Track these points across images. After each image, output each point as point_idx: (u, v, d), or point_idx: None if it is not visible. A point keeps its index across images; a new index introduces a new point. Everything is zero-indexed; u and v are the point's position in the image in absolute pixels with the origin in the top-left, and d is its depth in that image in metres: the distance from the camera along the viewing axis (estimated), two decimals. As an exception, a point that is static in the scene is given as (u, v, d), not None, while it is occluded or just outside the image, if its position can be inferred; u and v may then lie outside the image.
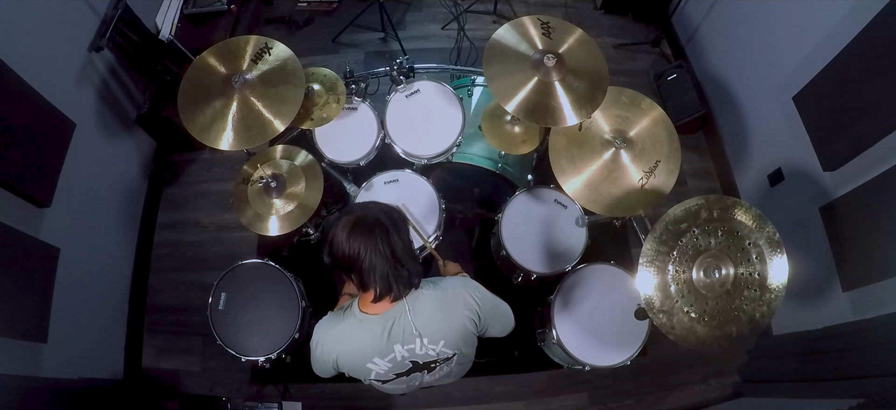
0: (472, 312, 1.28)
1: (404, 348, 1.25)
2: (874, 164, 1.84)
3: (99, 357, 2.32)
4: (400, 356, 1.27)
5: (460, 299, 1.27)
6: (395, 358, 1.27)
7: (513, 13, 3.41)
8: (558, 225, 2.08)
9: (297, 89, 1.87)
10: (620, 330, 1.91)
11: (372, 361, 1.27)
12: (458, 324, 1.27)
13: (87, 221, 2.30)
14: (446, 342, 1.27)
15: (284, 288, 1.99)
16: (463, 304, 1.27)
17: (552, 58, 1.73)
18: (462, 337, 1.30)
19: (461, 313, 1.27)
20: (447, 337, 1.27)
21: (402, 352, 1.26)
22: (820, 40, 2.05)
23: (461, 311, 1.27)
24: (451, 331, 1.27)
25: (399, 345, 1.24)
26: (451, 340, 1.28)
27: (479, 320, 1.30)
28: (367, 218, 1.15)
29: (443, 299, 1.26)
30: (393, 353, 1.26)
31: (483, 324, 1.32)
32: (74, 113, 2.15)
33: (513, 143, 2.06)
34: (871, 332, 1.83)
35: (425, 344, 1.25)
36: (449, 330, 1.27)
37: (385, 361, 1.27)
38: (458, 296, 1.28)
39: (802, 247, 2.18)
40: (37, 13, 2.00)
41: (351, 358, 1.27)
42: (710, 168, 2.99)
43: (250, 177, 1.99)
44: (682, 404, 2.48)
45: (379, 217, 1.16)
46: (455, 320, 1.27)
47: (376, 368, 1.28)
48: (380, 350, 1.25)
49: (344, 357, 1.27)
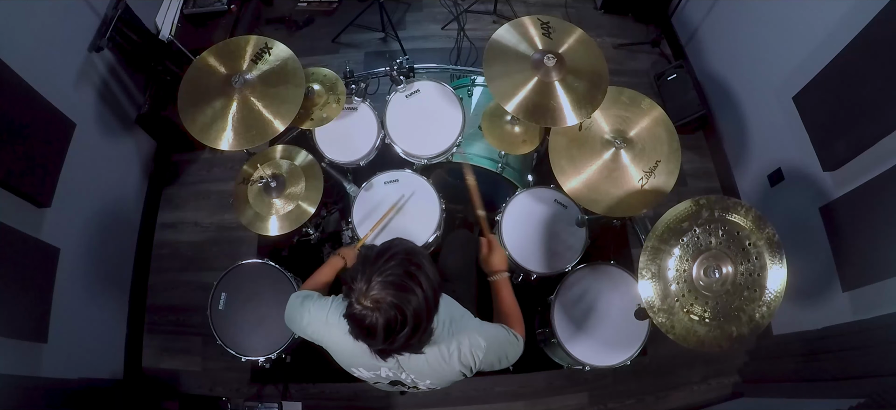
0: (466, 368, 1.23)
1: (390, 371, 1.25)
2: (874, 164, 1.84)
3: (99, 357, 2.32)
4: (384, 374, 1.26)
5: (457, 360, 1.21)
6: (379, 374, 1.27)
7: (513, 13, 3.41)
8: (558, 225, 2.08)
9: (297, 89, 1.87)
10: (620, 330, 1.91)
11: (357, 368, 1.27)
12: (449, 376, 1.24)
13: (87, 221, 2.30)
14: (433, 382, 1.27)
15: (284, 288, 1.99)
16: (460, 363, 1.21)
17: (552, 58, 1.73)
18: (450, 382, 1.28)
19: (454, 370, 1.22)
20: (434, 381, 1.26)
21: (387, 374, 1.26)
22: (820, 40, 2.05)
23: (455, 368, 1.22)
24: (440, 379, 1.25)
25: (385, 369, 1.23)
26: (438, 382, 1.27)
27: (473, 369, 1.25)
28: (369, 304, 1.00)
29: (442, 359, 1.20)
30: (378, 370, 1.25)
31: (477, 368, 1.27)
32: (74, 113, 2.15)
33: (513, 143, 2.06)
34: (871, 332, 1.83)
35: (412, 380, 1.26)
36: (438, 378, 1.25)
37: (370, 373, 1.27)
38: (455, 358, 1.20)
39: (802, 247, 2.18)
40: (37, 13, 1.99)
41: (338, 357, 1.27)
42: (710, 168, 2.99)
43: (250, 177, 1.99)
44: (682, 404, 2.49)
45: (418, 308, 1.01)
46: (448, 373, 1.23)
47: (361, 375, 1.29)
48: (366, 364, 1.24)
49: (331, 350, 1.26)
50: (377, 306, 0.98)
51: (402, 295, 0.98)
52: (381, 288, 0.98)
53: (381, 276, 0.99)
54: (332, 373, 1.37)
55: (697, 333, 1.45)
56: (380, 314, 0.98)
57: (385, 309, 0.98)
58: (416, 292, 1.00)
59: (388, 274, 0.99)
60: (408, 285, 0.99)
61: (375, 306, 0.98)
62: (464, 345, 1.21)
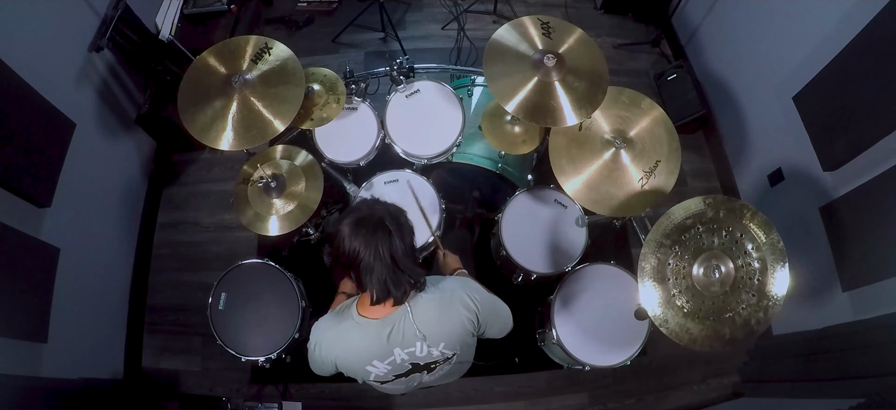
0: (470, 312, 1.28)
1: (404, 351, 1.25)
2: (874, 164, 1.84)
3: (99, 357, 2.32)
4: (399, 359, 1.27)
5: (458, 299, 1.27)
6: (394, 361, 1.27)
7: (513, 13, 3.41)
8: (558, 225, 2.08)
9: (297, 89, 1.87)
10: (620, 330, 1.91)
11: (371, 363, 1.27)
12: (458, 325, 1.27)
13: (87, 221, 2.30)
14: (446, 343, 1.27)
15: (284, 288, 1.99)
16: (462, 304, 1.27)
17: (552, 58, 1.73)
18: (461, 337, 1.30)
19: (460, 313, 1.27)
20: (447, 338, 1.27)
21: (401, 355, 1.26)
22: (820, 40, 2.05)
23: (460, 312, 1.27)
24: (450, 332, 1.27)
25: (399, 349, 1.24)
26: (451, 341, 1.28)
27: (477, 320, 1.30)
28: (371, 218, 1.14)
29: (441, 300, 1.26)
30: (392, 356, 1.25)
31: (482, 324, 1.32)
32: (74, 113, 2.15)
33: (513, 143, 2.06)
34: (871, 332, 1.83)
35: (426, 347, 1.25)
36: (449, 331, 1.27)
37: (384, 363, 1.27)
38: (457, 297, 1.27)
39: (802, 247, 2.18)
40: (37, 13, 1.99)
41: (350, 360, 1.27)
42: (710, 168, 2.99)
43: (250, 177, 1.99)
44: (682, 404, 2.49)
45: (383, 218, 1.15)
46: (454, 321, 1.27)
47: (376, 370, 1.29)
48: (379, 353, 1.24)
49: (343, 360, 1.27)
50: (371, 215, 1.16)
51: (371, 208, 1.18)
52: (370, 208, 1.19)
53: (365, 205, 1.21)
54: (334, 374, 1.37)
55: (690, 331, 1.45)
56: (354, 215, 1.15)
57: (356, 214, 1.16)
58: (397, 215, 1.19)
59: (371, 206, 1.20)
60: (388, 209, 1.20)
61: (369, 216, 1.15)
62: (458, 289, 1.29)
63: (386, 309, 1.21)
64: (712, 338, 1.44)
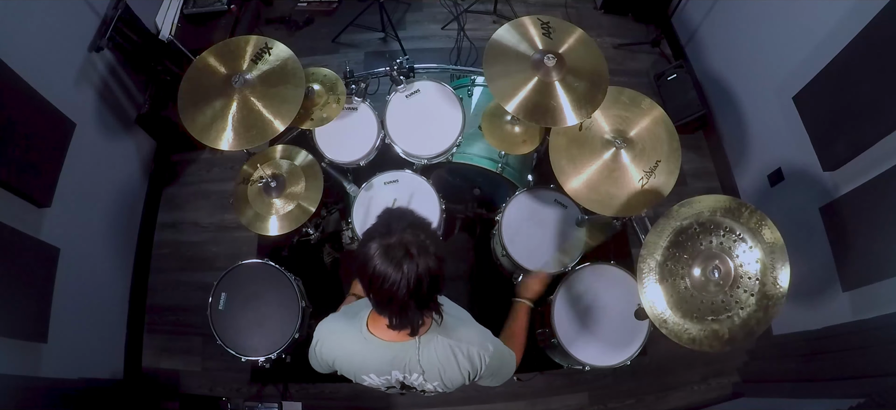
0: (473, 370, 1.26)
1: (400, 374, 1.26)
2: (874, 164, 1.84)
3: (99, 357, 2.32)
4: (394, 379, 1.28)
5: (468, 357, 1.24)
6: (389, 380, 1.29)
7: (513, 13, 3.41)
8: (558, 225, 2.08)
9: (297, 89, 1.86)
10: (620, 330, 1.91)
11: (368, 374, 1.28)
12: (456, 376, 1.27)
13: (87, 221, 2.30)
14: (441, 384, 1.28)
15: (284, 288, 1.99)
16: (468, 361, 1.25)
17: (552, 58, 1.73)
18: (456, 383, 1.30)
19: (464, 368, 1.25)
20: (442, 381, 1.28)
21: (397, 376, 1.27)
22: (820, 40, 2.05)
23: (464, 367, 1.25)
24: (448, 378, 1.27)
25: (397, 371, 1.25)
26: (444, 384, 1.29)
27: (477, 375, 1.29)
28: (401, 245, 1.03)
29: (451, 352, 1.23)
30: (389, 376, 1.27)
31: (480, 378, 1.32)
32: (74, 113, 2.15)
33: (513, 143, 2.06)
34: (871, 332, 1.83)
35: (421, 380, 1.27)
36: (446, 377, 1.27)
37: (380, 378, 1.29)
38: (467, 354, 1.24)
39: (802, 247, 2.18)
40: (37, 13, 1.99)
41: (348, 366, 1.28)
42: (710, 168, 2.99)
43: (250, 177, 1.99)
44: (682, 404, 2.49)
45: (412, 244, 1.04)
46: (455, 372, 1.26)
47: (370, 381, 1.30)
48: (378, 370, 1.26)
49: (341, 363, 1.28)
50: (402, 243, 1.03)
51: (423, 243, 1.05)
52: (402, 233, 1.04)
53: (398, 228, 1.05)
54: (332, 374, 1.38)
55: (690, 331, 1.45)
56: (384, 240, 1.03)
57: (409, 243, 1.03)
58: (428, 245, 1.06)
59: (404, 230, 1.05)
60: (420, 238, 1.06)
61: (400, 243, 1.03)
62: (474, 344, 1.25)
63: (398, 336, 1.18)
64: (711, 338, 1.44)
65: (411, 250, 1.02)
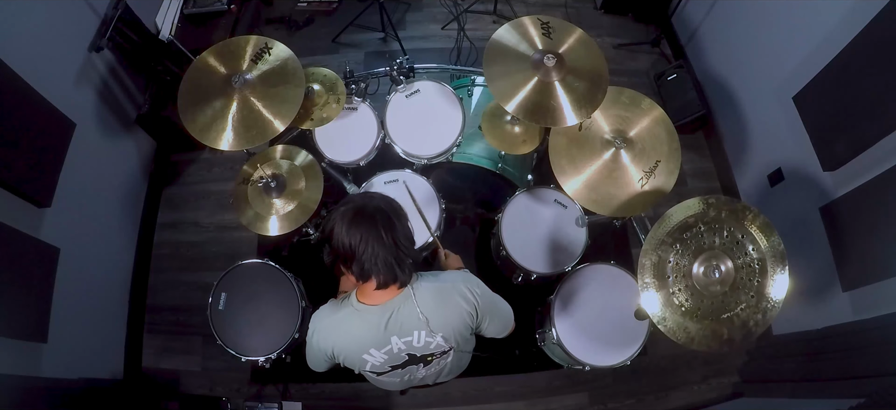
0: (469, 305, 1.28)
1: (401, 340, 1.26)
2: (874, 164, 1.84)
3: (99, 357, 2.32)
4: (396, 348, 1.27)
5: (458, 291, 1.28)
6: (391, 350, 1.28)
7: (513, 13, 3.41)
8: (558, 225, 2.08)
9: (297, 89, 1.86)
10: (620, 330, 1.91)
11: (368, 352, 1.27)
12: (457, 316, 1.28)
13: (87, 221, 2.30)
14: (445, 333, 1.28)
15: (284, 288, 1.99)
16: (461, 296, 1.28)
17: (552, 58, 1.73)
18: (459, 329, 1.30)
19: (459, 305, 1.28)
20: (445, 328, 1.27)
21: (398, 344, 1.26)
22: (820, 40, 2.05)
23: (459, 303, 1.28)
24: (449, 322, 1.27)
25: (396, 337, 1.25)
26: (449, 331, 1.28)
27: (476, 313, 1.30)
28: (367, 207, 1.16)
29: (441, 290, 1.27)
30: (389, 345, 1.26)
31: (480, 319, 1.33)
32: (74, 113, 2.15)
33: (513, 143, 2.06)
34: (871, 332, 1.83)
35: (424, 336, 1.26)
36: (447, 321, 1.27)
37: (381, 352, 1.27)
38: (457, 289, 1.28)
39: (802, 247, 2.18)
40: (37, 13, 1.99)
41: (347, 348, 1.27)
42: (710, 168, 2.99)
43: (250, 177, 1.99)
44: (682, 404, 2.49)
45: (380, 205, 1.17)
46: (453, 311, 1.27)
47: (372, 359, 1.29)
48: (376, 341, 1.25)
49: (340, 347, 1.27)
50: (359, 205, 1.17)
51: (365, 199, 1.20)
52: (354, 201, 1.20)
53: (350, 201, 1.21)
54: (332, 373, 1.38)
55: (688, 330, 1.45)
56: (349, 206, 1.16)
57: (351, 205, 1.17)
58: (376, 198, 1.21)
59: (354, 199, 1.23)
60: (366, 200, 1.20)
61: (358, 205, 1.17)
62: (458, 281, 1.30)
63: (388, 294, 1.21)
64: (710, 338, 1.44)
65: (380, 208, 1.16)
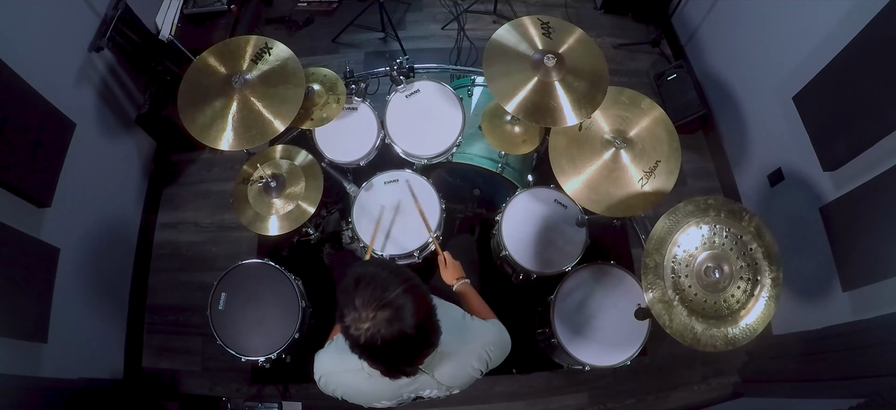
0: (482, 365, 1.29)
1: (413, 392, 1.27)
2: (874, 164, 1.84)
3: (99, 357, 2.32)
4: (406, 395, 1.29)
5: (476, 357, 1.26)
6: (401, 398, 1.30)
7: (513, 13, 3.41)
8: (558, 226, 2.08)
9: (297, 89, 1.87)
10: (620, 330, 1.91)
11: (380, 402, 1.29)
12: (469, 377, 1.29)
13: (87, 221, 2.30)
14: (452, 386, 1.29)
15: (284, 288, 1.99)
16: (477, 360, 1.27)
17: (552, 58, 1.73)
18: (468, 382, 1.32)
19: (474, 368, 1.28)
20: (455, 383, 1.28)
21: (409, 395, 1.28)
22: (820, 40, 2.05)
23: (474, 367, 1.27)
24: (460, 380, 1.29)
25: (408, 391, 1.26)
26: (458, 385, 1.30)
27: (486, 368, 1.31)
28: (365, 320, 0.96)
29: (459, 361, 1.24)
30: (401, 397, 1.28)
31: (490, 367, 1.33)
32: (74, 113, 2.15)
33: (513, 143, 2.06)
34: (871, 332, 1.83)
35: (434, 391, 1.28)
36: (461, 383, 1.29)
37: (392, 402, 1.30)
38: (475, 355, 1.26)
39: (802, 247, 2.18)
40: (37, 13, 1.99)
41: (357, 399, 1.28)
42: (710, 168, 2.99)
43: (250, 177, 1.99)
44: (682, 404, 2.49)
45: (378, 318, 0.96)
46: (470, 376, 1.29)
47: (381, 406, 1.31)
48: (388, 396, 1.26)
49: (350, 397, 1.28)
50: (374, 322, 0.95)
51: (391, 311, 0.96)
52: (368, 307, 0.96)
53: (361, 299, 0.96)
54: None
55: (695, 330, 1.45)
56: (380, 328, 0.95)
57: (380, 322, 0.95)
58: (401, 299, 0.97)
59: (368, 295, 0.96)
60: (389, 298, 0.96)
61: (372, 324, 0.95)
62: (476, 345, 1.27)
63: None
64: (714, 338, 1.45)
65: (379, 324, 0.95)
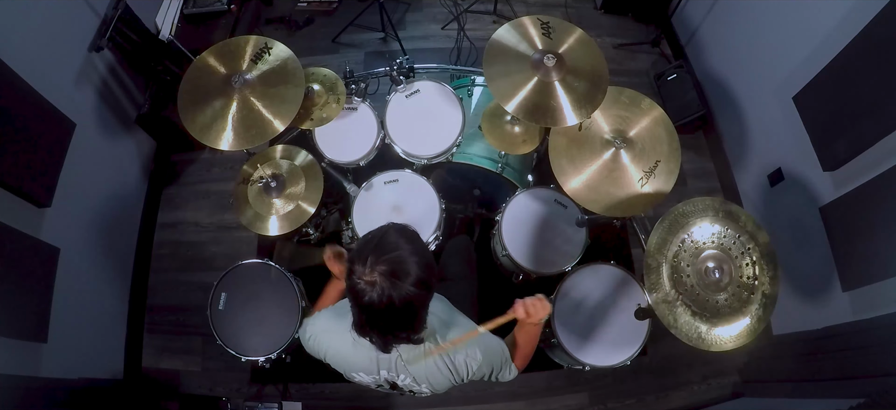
0: (460, 377, 1.28)
1: (389, 374, 1.27)
2: (874, 164, 1.84)
3: (99, 357, 2.32)
4: (383, 378, 1.29)
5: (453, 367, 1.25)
6: (378, 379, 1.30)
7: (513, 13, 3.41)
8: (558, 226, 2.08)
9: (297, 89, 1.86)
10: (620, 330, 1.91)
11: (358, 373, 1.30)
12: (443, 382, 1.29)
13: (87, 221, 2.30)
14: (429, 387, 1.30)
15: (284, 287, 1.99)
16: (453, 371, 1.26)
17: (552, 58, 1.73)
18: (444, 389, 1.32)
19: (449, 377, 1.27)
20: (430, 386, 1.29)
21: (386, 376, 1.28)
22: (820, 40, 2.05)
23: (450, 375, 1.26)
24: (435, 385, 1.29)
25: (385, 371, 1.26)
26: (433, 388, 1.30)
27: (464, 380, 1.30)
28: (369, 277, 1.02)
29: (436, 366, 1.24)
30: (377, 375, 1.28)
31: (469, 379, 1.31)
32: (74, 113, 2.15)
33: (513, 143, 2.06)
34: (871, 332, 1.83)
35: (408, 382, 1.28)
36: (434, 384, 1.29)
37: (369, 377, 1.30)
38: (454, 365, 1.25)
39: (802, 247, 2.19)
40: (37, 13, 1.99)
41: (339, 363, 1.30)
42: (710, 168, 2.99)
43: (250, 177, 1.99)
44: (682, 404, 2.49)
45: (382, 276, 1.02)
46: (442, 380, 1.28)
47: (360, 379, 1.32)
48: (366, 369, 1.27)
49: (332, 358, 1.30)
50: (372, 286, 1.02)
51: (396, 280, 1.02)
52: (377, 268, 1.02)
53: (376, 258, 1.03)
54: (332, 373, 1.38)
55: (700, 331, 1.45)
56: (375, 292, 1.02)
57: (380, 288, 1.01)
58: (411, 273, 1.03)
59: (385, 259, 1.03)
60: (402, 269, 1.03)
61: (371, 285, 1.02)
62: (459, 351, 1.25)
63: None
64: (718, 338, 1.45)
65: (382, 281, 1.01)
